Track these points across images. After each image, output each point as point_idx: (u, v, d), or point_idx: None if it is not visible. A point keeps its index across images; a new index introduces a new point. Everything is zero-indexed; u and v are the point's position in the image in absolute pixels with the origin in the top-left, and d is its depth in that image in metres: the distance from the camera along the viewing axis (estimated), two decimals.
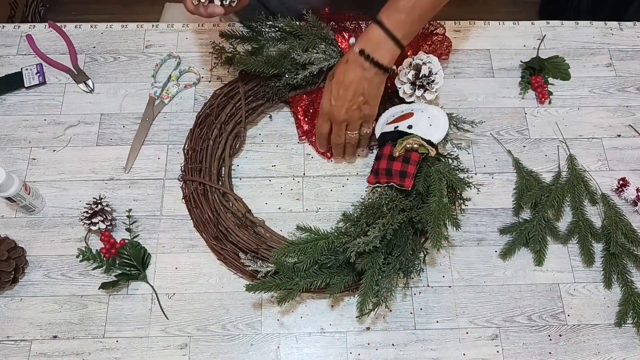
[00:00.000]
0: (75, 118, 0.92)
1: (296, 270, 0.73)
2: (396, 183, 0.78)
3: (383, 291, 0.73)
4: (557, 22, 1.05)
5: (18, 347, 0.76)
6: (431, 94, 0.84)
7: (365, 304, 0.72)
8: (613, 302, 0.81)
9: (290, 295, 0.72)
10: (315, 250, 0.73)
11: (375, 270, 0.72)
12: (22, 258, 0.80)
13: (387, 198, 0.77)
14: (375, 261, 0.73)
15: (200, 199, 0.82)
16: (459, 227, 0.74)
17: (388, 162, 0.78)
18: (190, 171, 0.85)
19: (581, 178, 0.88)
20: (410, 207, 0.76)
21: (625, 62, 1.00)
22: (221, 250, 0.80)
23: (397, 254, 0.75)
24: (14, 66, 0.96)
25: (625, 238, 0.83)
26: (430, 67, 0.82)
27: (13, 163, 0.88)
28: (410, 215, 0.76)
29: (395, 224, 0.73)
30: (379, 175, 0.80)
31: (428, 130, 0.80)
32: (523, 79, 0.98)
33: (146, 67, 0.97)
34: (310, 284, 0.73)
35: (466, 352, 0.77)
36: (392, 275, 0.74)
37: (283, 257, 0.73)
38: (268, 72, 0.86)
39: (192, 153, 0.86)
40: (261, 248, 0.78)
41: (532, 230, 0.83)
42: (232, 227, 0.79)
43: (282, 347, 0.77)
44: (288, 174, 0.89)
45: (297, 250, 0.73)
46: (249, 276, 0.79)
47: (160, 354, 0.76)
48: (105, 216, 0.80)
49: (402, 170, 0.77)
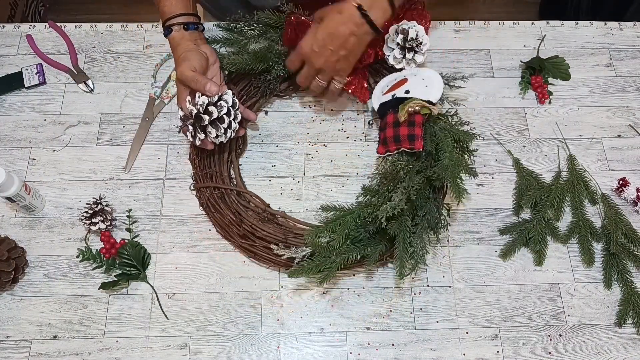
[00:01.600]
0: (75, 118, 0.92)
1: (331, 249, 0.75)
2: (406, 147, 0.79)
3: (418, 250, 0.74)
4: (557, 22, 1.05)
5: (18, 347, 0.76)
6: (421, 55, 0.86)
7: (403, 267, 0.73)
8: (613, 302, 0.81)
9: (330, 273, 0.74)
10: (344, 226, 0.75)
11: (407, 233, 0.74)
12: (22, 258, 0.80)
13: (401, 163, 0.79)
14: (404, 224, 0.75)
15: (218, 202, 0.82)
16: (476, 175, 0.78)
17: (394, 129, 0.80)
18: (202, 178, 0.85)
19: (581, 178, 0.88)
20: (425, 168, 0.78)
21: (625, 62, 1.00)
22: (251, 247, 0.80)
23: (423, 214, 0.77)
24: (14, 66, 0.96)
25: (625, 238, 0.83)
26: (416, 30, 0.85)
27: (13, 163, 0.88)
28: (427, 174, 0.77)
29: (416, 185, 0.75)
30: (388, 144, 0.81)
31: (425, 91, 0.82)
32: (523, 79, 0.98)
33: (146, 67, 0.97)
34: (346, 259, 0.75)
35: (466, 352, 0.77)
36: (422, 234, 0.76)
37: (317, 239, 0.75)
38: (257, 67, 0.87)
39: (198, 160, 0.86)
40: (289, 237, 0.79)
41: (532, 230, 0.83)
42: (256, 223, 0.80)
43: (282, 347, 0.77)
44: (288, 174, 0.89)
45: (328, 229, 0.76)
46: (284, 266, 0.80)
47: (160, 354, 0.76)
48: (105, 216, 0.80)
49: (410, 133, 0.78)
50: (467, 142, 0.81)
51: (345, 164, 0.90)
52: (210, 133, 0.78)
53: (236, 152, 0.88)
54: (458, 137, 0.80)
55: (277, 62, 0.88)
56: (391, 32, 0.86)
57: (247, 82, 0.90)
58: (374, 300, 0.80)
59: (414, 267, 0.74)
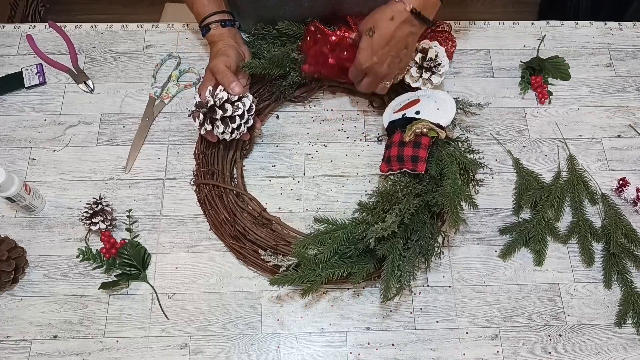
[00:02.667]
0: (76, 118, 0.92)
1: (317, 262, 0.74)
2: (409, 168, 0.78)
3: (405, 275, 0.74)
4: (557, 22, 1.05)
5: (18, 347, 0.76)
6: (438, 77, 0.84)
7: (389, 290, 0.73)
8: (613, 302, 0.81)
9: (313, 286, 0.73)
10: (334, 240, 0.75)
11: (396, 255, 0.73)
12: (22, 258, 0.80)
13: (401, 184, 0.78)
14: (395, 247, 0.74)
15: (215, 200, 0.83)
16: (476, 206, 0.76)
17: (399, 148, 0.79)
18: (203, 175, 0.85)
19: (581, 178, 0.88)
20: (425, 192, 0.78)
21: (625, 62, 1.00)
22: (240, 248, 0.80)
23: (416, 238, 0.76)
24: (14, 66, 0.96)
25: (625, 238, 0.83)
26: (436, 51, 0.84)
27: (13, 163, 0.88)
28: (426, 199, 0.77)
29: (412, 209, 0.74)
30: (391, 163, 0.81)
31: (436, 114, 0.81)
32: (523, 79, 0.98)
33: (146, 67, 0.97)
34: (332, 274, 0.74)
35: (466, 352, 0.77)
36: (413, 260, 0.75)
37: (303, 250, 0.74)
38: (274, 72, 0.87)
39: (202, 157, 0.86)
40: (280, 244, 0.79)
41: (532, 230, 0.83)
42: (249, 226, 0.80)
43: (282, 347, 0.77)
44: (288, 174, 0.89)
45: (317, 241, 0.75)
46: (270, 272, 0.79)
47: (160, 354, 0.76)
48: (105, 216, 0.80)
49: (414, 155, 0.78)
50: (474, 171, 0.80)
51: (345, 164, 0.90)
52: (218, 127, 0.78)
53: (241, 152, 0.89)
54: (465, 165, 0.79)
55: (294, 68, 0.89)
56: None
57: (261, 85, 0.91)
58: (374, 300, 0.80)
59: (399, 292, 0.74)
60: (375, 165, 0.89)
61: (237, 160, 0.88)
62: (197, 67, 0.96)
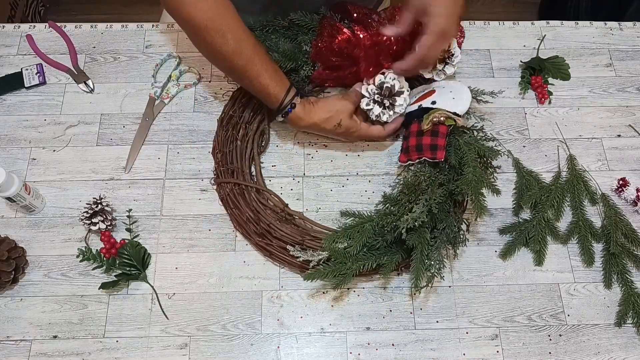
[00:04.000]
0: (76, 118, 0.92)
1: (347, 255, 0.75)
2: (428, 157, 0.79)
3: (435, 264, 0.74)
4: (557, 22, 1.05)
5: (18, 347, 0.76)
6: (451, 67, 0.85)
7: (419, 279, 0.73)
8: (613, 302, 0.81)
9: (345, 280, 0.74)
10: (362, 233, 0.76)
11: (425, 245, 0.74)
12: (22, 258, 0.80)
13: (424, 174, 0.79)
14: (423, 236, 0.75)
15: (238, 199, 0.83)
16: (499, 193, 0.78)
17: (417, 138, 0.81)
18: (223, 173, 0.85)
19: (581, 178, 0.88)
20: (447, 181, 0.79)
21: (625, 62, 1.00)
22: (267, 245, 0.80)
23: (443, 227, 0.77)
24: (14, 66, 0.96)
25: (625, 238, 0.83)
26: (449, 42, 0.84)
27: (13, 163, 0.88)
28: (450, 188, 0.77)
29: (439, 198, 0.75)
30: (410, 153, 0.82)
31: (452, 103, 0.82)
32: (523, 79, 0.98)
33: (146, 67, 0.97)
34: (362, 266, 0.75)
35: (466, 352, 0.77)
36: (440, 248, 0.76)
37: (334, 244, 0.75)
38: (286, 66, 0.87)
39: (220, 155, 0.86)
40: (306, 239, 0.79)
41: (532, 230, 0.83)
42: (274, 223, 0.80)
43: (282, 347, 0.77)
44: (288, 174, 0.89)
45: (346, 235, 0.76)
46: (298, 268, 0.80)
47: (160, 354, 0.76)
48: (105, 216, 0.80)
49: (432, 143, 0.79)
50: (491, 158, 0.81)
51: (345, 164, 0.90)
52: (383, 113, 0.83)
53: (258, 148, 0.89)
54: (483, 152, 0.80)
55: (306, 62, 0.88)
56: None
57: None
58: (374, 300, 0.80)
59: (430, 280, 0.74)
60: (375, 166, 0.89)
61: (255, 156, 0.88)
62: (197, 67, 0.96)
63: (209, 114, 0.92)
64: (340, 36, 0.84)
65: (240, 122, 0.89)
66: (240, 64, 0.79)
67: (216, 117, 0.91)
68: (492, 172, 0.81)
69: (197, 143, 0.90)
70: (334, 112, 0.84)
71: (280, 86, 0.82)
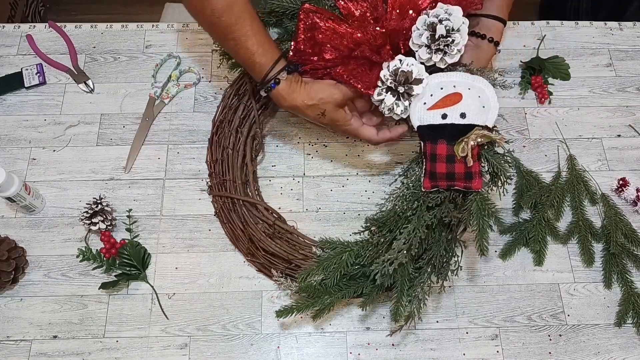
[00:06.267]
0: (76, 118, 0.92)
1: (324, 287, 0.72)
2: (461, 187, 0.68)
3: (416, 300, 0.69)
4: (557, 22, 1.05)
5: (18, 347, 0.76)
6: (452, 57, 0.69)
7: (399, 314, 0.70)
8: (613, 302, 0.81)
9: (323, 311, 0.72)
10: (340, 264, 0.72)
11: (405, 280, 0.69)
12: (22, 258, 0.80)
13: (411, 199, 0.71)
14: (405, 269, 0.69)
15: (230, 214, 0.81)
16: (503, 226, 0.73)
17: (447, 165, 0.67)
18: (216, 186, 0.84)
19: (581, 178, 0.88)
20: (440, 202, 0.69)
21: (625, 62, 1.00)
22: (256, 261, 0.79)
23: (429, 257, 0.70)
24: (14, 66, 0.96)
25: (625, 238, 0.83)
26: (447, 25, 0.68)
27: (13, 163, 0.88)
28: (440, 215, 0.69)
29: (422, 232, 0.68)
30: (438, 180, 0.69)
31: (483, 113, 0.67)
32: (523, 79, 0.97)
33: (146, 67, 0.97)
34: (342, 296, 0.72)
35: (466, 352, 0.77)
36: (424, 282, 0.69)
37: (309, 279, 0.72)
38: None
39: (214, 165, 0.85)
40: (296, 258, 0.77)
41: (532, 230, 0.83)
42: (263, 239, 0.78)
43: (282, 347, 0.77)
44: (288, 174, 0.89)
45: (322, 267, 0.72)
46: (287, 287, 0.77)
47: (160, 354, 0.76)
48: (105, 216, 0.80)
49: (467, 171, 0.67)
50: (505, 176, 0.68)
51: (345, 164, 0.90)
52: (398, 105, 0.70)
53: (252, 154, 0.86)
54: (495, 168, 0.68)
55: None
56: (419, 24, 0.70)
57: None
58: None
59: (410, 318, 0.71)
60: (375, 166, 0.89)
61: (248, 164, 0.85)
62: (197, 67, 0.96)
63: (209, 114, 0.92)
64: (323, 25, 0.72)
65: (230, 129, 0.86)
66: (228, 22, 0.71)
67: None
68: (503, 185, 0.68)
69: (197, 143, 0.90)
70: (318, 99, 0.73)
71: (267, 56, 0.73)
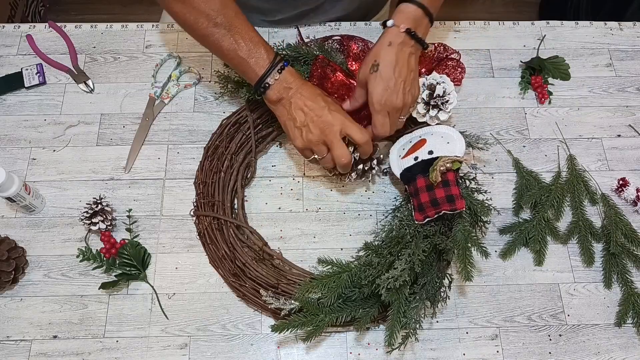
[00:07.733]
0: (76, 118, 0.92)
1: (321, 306, 0.72)
2: (447, 210, 0.75)
3: (411, 322, 0.72)
4: (557, 22, 1.05)
5: (18, 347, 0.76)
6: (445, 113, 0.82)
7: (394, 337, 0.71)
8: (613, 302, 0.81)
9: (316, 332, 0.71)
10: (338, 284, 0.72)
11: (402, 302, 0.71)
12: (22, 258, 0.80)
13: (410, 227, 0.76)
14: (402, 292, 0.71)
15: (215, 234, 0.80)
16: (488, 255, 0.74)
17: (428, 193, 0.76)
18: (203, 206, 0.83)
19: (581, 178, 0.88)
20: (433, 233, 0.75)
21: (625, 62, 1.00)
22: (240, 287, 0.78)
23: (424, 282, 0.74)
24: (14, 66, 0.96)
25: (625, 238, 0.83)
26: (444, 87, 0.81)
27: (13, 163, 0.88)
28: (435, 242, 0.74)
29: (422, 255, 0.71)
30: (425, 210, 0.76)
31: (448, 147, 0.78)
32: (523, 79, 0.98)
33: (146, 67, 0.97)
34: (336, 318, 0.72)
35: (466, 352, 0.77)
36: (419, 305, 0.73)
37: (307, 294, 0.72)
38: None
39: (202, 187, 0.84)
40: (281, 283, 0.76)
41: (532, 230, 0.83)
42: (249, 262, 0.78)
43: (282, 347, 0.77)
44: (288, 174, 0.89)
45: (321, 285, 0.72)
46: (272, 312, 0.77)
47: (160, 354, 0.76)
48: (105, 216, 0.80)
49: (447, 194, 0.75)
50: (482, 214, 0.78)
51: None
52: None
53: (243, 181, 0.85)
54: (474, 208, 0.77)
55: None
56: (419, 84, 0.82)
57: (264, 110, 0.85)
58: None
59: (404, 341, 0.72)
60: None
61: (238, 189, 0.84)
62: (197, 67, 0.96)
63: (209, 114, 0.92)
64: (333, 77, 0.82)
65: (226, 153, 0.85)
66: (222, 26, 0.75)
67: (216, 117, 0.91)
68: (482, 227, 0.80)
69: (197, 143, 0.90)
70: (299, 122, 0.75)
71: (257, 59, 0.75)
